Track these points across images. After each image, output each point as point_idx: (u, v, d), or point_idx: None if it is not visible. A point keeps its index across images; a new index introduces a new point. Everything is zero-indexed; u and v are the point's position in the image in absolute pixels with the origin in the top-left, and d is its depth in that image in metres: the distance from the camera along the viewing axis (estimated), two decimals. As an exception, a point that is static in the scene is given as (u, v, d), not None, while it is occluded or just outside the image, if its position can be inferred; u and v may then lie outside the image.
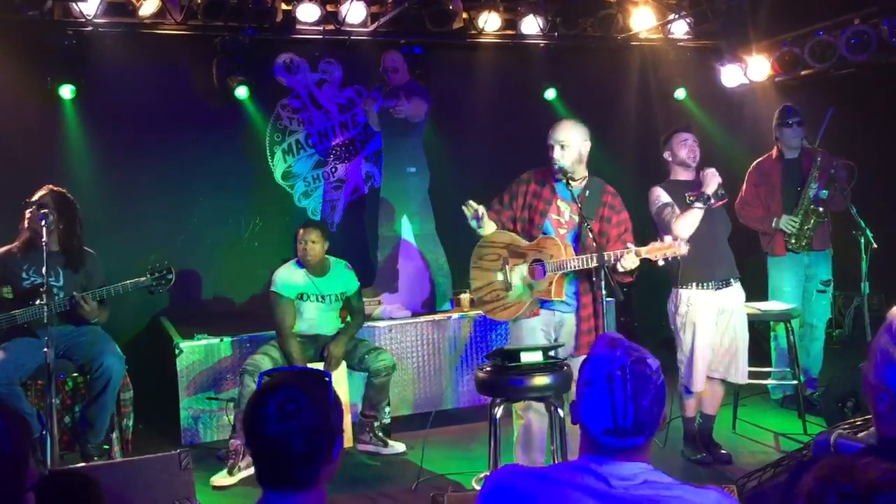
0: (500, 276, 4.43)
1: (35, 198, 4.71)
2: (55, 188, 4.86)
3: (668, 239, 4.11)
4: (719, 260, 4.99)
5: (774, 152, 6.05)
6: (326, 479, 1.98)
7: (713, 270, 4.95)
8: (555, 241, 4.28)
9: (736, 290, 5.05)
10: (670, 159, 5.08)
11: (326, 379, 2.04)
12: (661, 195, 4.97)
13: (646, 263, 4.20)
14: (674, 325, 5.06)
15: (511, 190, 4.47)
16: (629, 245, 4.11)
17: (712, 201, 4.78)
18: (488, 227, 4.38)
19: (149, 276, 4.77)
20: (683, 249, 4.07)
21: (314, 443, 1.92)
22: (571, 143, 4.32)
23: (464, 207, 4.32)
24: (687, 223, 4.73)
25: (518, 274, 4.38)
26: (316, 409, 1.93)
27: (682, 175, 5.04)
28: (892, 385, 1.86)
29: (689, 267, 4.78)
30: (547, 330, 4.41)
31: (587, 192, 4.36)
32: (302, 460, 1.92)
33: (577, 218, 4.30)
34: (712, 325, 4.97)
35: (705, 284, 4.94)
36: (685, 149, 5.01)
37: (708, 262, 4.90)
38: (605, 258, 4.09)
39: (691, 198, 4.82)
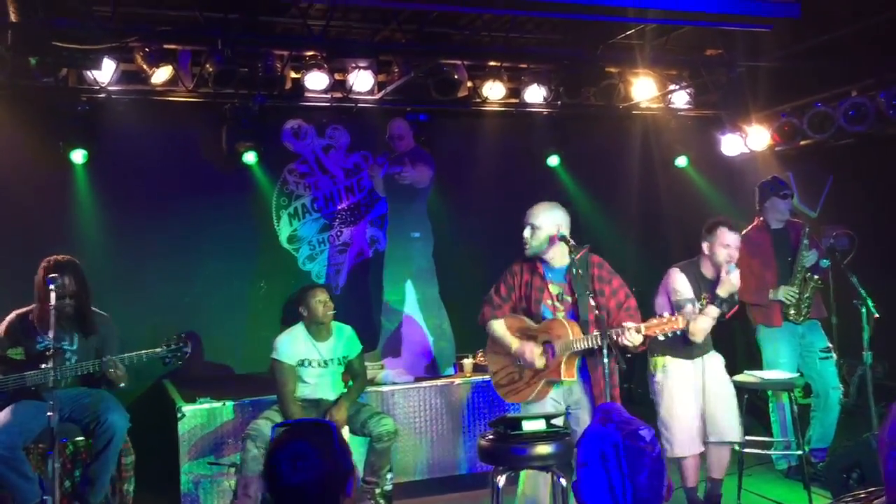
0: (513, 361, 4.49)
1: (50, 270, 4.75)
2: (60, 257, 4.90)
3: (666, 314, 4.16)
4: (698, 343, 5.00)
5: (759, 223, 6.09)
6: None
7: (691, 350, 5.00)
8: (561, 322, 4.35)
9: (712, 356, 5.11)
10: (706, 252, 5.00)
11: (330, 426, 2.23)
12: (683, 289, 4.94)
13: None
14: (653, 393, 5.13)
15: (507, 282, 4.55)
16: (628, 323, 4.14)
17: (725, 308, 4.82)
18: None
19: (164, 347, 4.81)
20: (681, 324, 4.13)
21: (329, 487, 2.14)
22: (542, 225, 4.40)
23: None
24: (701, 329, 4.83)
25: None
26: (324, 458, 2.14)
27: (708, 270, 5.01)
28: None
29: (668, 343, 4.84)
30: (557, 398, 4.46)
31: (574, 269, 4.39)
32: (322, 503, 2.13)
33: (570, 299, 4.38)
34: (691, 390, 5.00)
35: (682, 356, 5.02)
36: (725, 252, 4.91)
37: (686, 343, 4.93)
38: (609, 336, 4.12)
39: (705, 300, 4.85)
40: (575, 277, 4.36)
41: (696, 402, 5.02)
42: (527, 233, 4.41)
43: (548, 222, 4.40)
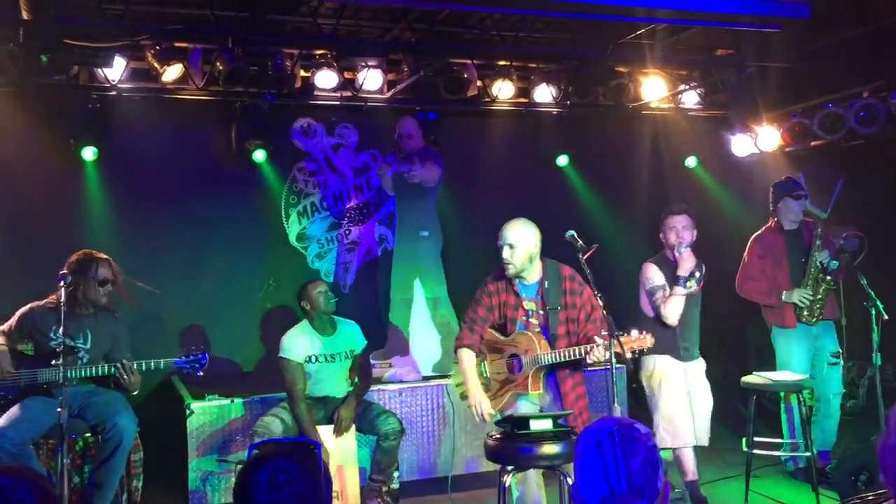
0: (480, 372, 4.53)
1: (99, 268, 4.85)
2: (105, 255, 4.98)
3: (634, 333, 4.22)
4: (686, 342, 5.22)
5: (773, 224, 6.08)
6: None
7: (679, 352, 5.19)
8: (528, 335, 4.39)
9: (698, 362, 5.34)
10: (663, 240, 5.31)
11: (315, 449, 2.16)
12: (654, 276, 5.21)
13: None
14: (648, 390, 5.28)
15: (483, 303, 4.56)
16: (597, 339, 4.16)
17: (690, 285, 5.00)
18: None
19: (183, 356, 4.83)
20: (649, 343, 4.22)
21: None
22: (520, 243, 4.40)
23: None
24: (672, 310, 5.03)
25: (496, 369, 4.44)
26: (306, 478, 2.01)
27: (672, 256, 5.24)
28: None
29: (659, 343, 4.93)
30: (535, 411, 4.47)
31: (546, 283, 4.43)
32: None
33: (542, 313, 4.43)
34: (682, 384, 5.21)
35: (674, 357, 5.21)
36: (672, 234, 5.21)
37: (675, 344, 5.17)
38: (576, 352, 4.21)
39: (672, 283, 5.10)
40: (546, 291, 4.38)
41: (687, 399, 5.23)
42: (507, 253, 4.39)
43: (526, 240, 4.42)
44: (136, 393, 4.88)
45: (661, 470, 1.92)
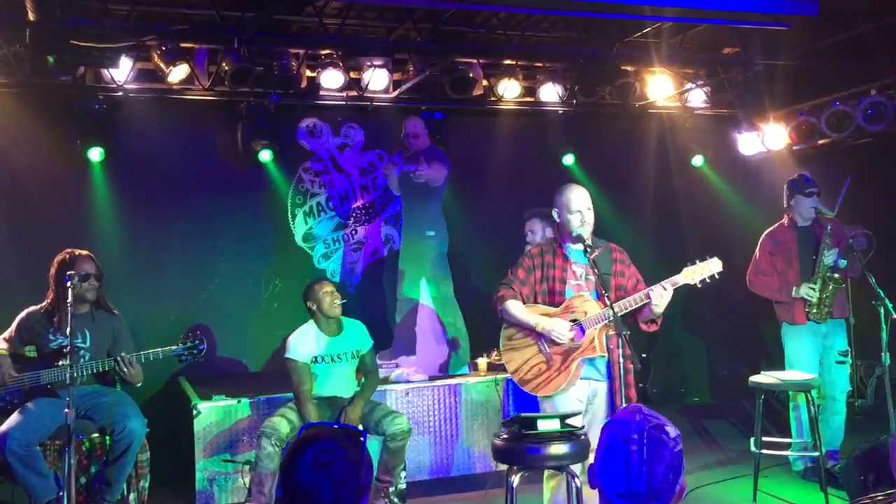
0: (537, 350, 4.40)
1: (78, 264, 4.82)
2: (86, 252, 4.97)
3: (698, 262, 4.24)
4: None
5: (786, 221, 6.06)
6: None
7: None
8: (582, 297, 4.33)
9: None
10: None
11: (361, 438, 2.16)
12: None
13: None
14: None
15: (524, 265, 4.48)
16: (661, 282, 4.21)
17: None
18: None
19: (180, 345, 4.84)
20: (719, 266, 4.21)
21: (341, 494, 2.02)
22: (590, 206, 4.44)
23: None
24: None
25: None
26: (348, 462, 2.05)
27: None
28: None
29: None
30: (582, 400, 4.38)
31: (596, 250, 4.41)
32: None
33: (593, 278, 4.36)
34: None
35: None
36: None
37: None
38: (637, 299, 4.21)
39: None
40: (598, 258, 4.34)
41: None
42: (588, 217, 4.40)
43: (590, 202, 4.47)
44: (139, 385, 4.88)
45: (682, 475, 1.93)
